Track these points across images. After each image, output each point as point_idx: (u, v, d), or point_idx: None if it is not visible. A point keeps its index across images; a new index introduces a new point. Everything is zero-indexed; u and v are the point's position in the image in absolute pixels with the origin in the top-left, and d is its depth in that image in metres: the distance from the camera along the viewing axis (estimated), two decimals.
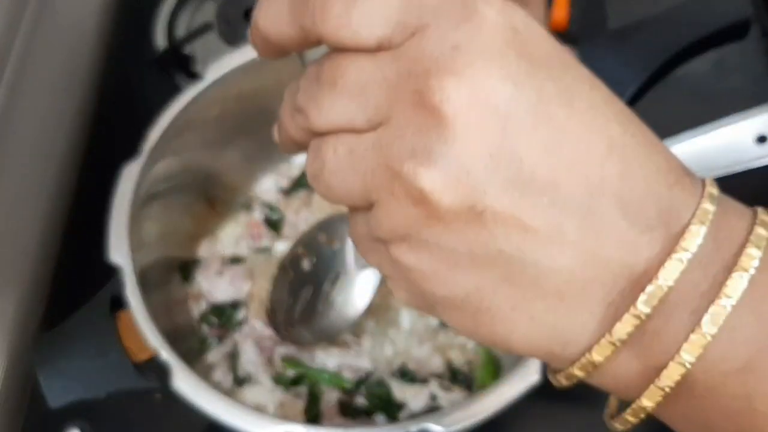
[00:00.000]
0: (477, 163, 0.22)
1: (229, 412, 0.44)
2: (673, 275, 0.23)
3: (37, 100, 0.66)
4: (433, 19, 0.23)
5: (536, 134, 0.22)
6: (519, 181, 0.22)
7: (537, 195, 0.23)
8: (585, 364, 0.25)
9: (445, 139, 0.22)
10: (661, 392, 0.24)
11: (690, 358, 0.23)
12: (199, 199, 0.62)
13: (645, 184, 0.23)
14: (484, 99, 0.22)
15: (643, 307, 0.23)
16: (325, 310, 0.56)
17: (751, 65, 0.69)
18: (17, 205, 0.63)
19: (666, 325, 0.23)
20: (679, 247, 0.23)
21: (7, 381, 0.59)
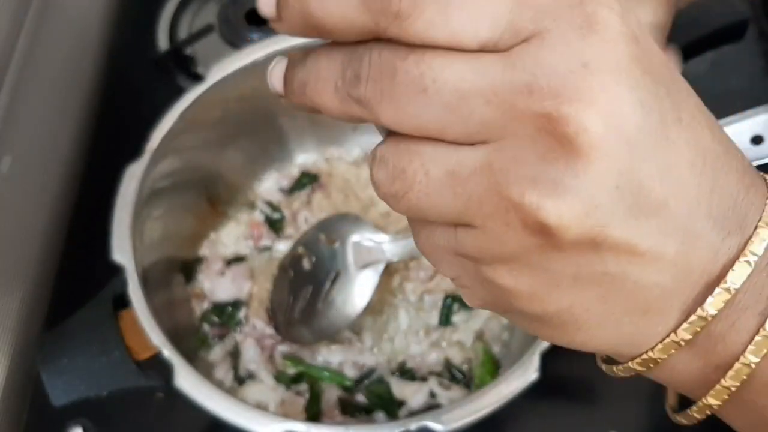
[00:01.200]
0: (605, 196, 0.21)
1: (230, 410, 0.44)
2: (741, 278, 0.23)
3: (41, 101, 0.67)
4: (552, 25, 0.21)
5: (655, 158, 0.22)
6: (637, 208, 0.22)
7: (649, 219, 0.22)
8: (646, 360, 0.25)
9: (575, 170, 0.21)
10: (726, 391, 0.24)
11: (755, 359, 0.23)
12: (201, 199, 0.62)
13: (729, 192, 0.23)
14: (617, 128, 0.21)
15: (711, 309, 0.23)
16: (325, 310, 0.56)
17: (748, 66, 0.69)
18: (21, 205, 0.63)
19: (731, 326, 0.24)
20: (748, 250, 0.23)
21: (10, 379, 0.60)
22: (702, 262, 0.23)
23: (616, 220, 0.22)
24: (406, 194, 0.23)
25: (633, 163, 0.21)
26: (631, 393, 0.57)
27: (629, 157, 0.21)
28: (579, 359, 0.56)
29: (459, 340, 0.58)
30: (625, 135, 0.21)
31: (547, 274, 0.23)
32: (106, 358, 0.47)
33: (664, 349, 0.24)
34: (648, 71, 0.22)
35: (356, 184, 0.65)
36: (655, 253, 0.22)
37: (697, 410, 0.26)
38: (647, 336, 0.25)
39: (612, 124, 0.21)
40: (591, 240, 0.22)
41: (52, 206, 0.68)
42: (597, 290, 0.23)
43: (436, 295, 0.59)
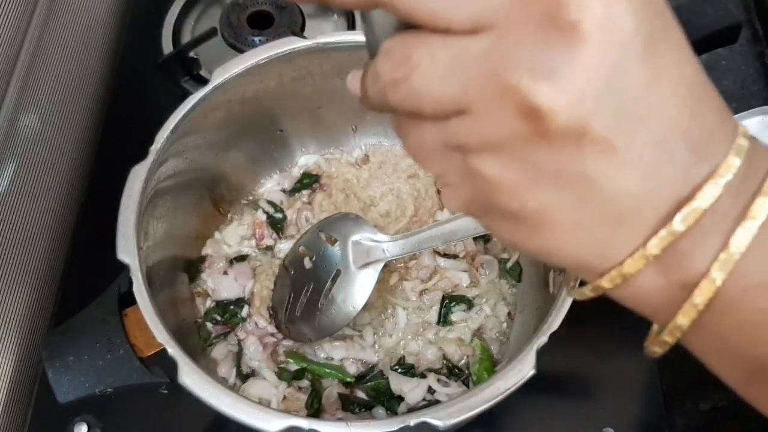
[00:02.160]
0: (594, 88, 0.22)
1: (233, 406, 0.44)
2: (709, 199, 0.24)
3: (46, 103, 0.67)
4: None
5: (643, 67, 0.23)
6: (621, 109, 0.23)
7: (631, 123, 0.23)
8: (614, 276, 0.26)
9: (572, 57, 0.22)
10: (695, 310, 0.25)
11: (721, 275, 0.25)
12: (205, 199, 0.63)
13: (706, 121, 0.25)
14: (614, 25, 0.22)
15: (679, 226, 0.24)
16: (326, 308, 0.56)
17: (741, 69, 0.70)
18: (29, 205, 0.64)
19: (697, 244, 0.25)
20: (717, 174, 0.24)
21: (16, 376, 0.60)
22: (674, 180, 0.25)
23: (601, 116, 0.23)
24: (408, 78, 0.24)
25: (624, 63, 0.22)
26: (626, 389, 0.57)
27: (621, 56, 0.22)
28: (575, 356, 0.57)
29: (457, 337, 0.59)
30: (620, 34, 0.22)
31: (531, 166, 0.24)
32: (111, 355, 0.48)
33: (633, 264, 0.26)
34: None
35: (357, 184, 0.66)
36: (631, 158, 0.24)
37: (668, 333, 0.27)
38: (617, 248, 0.26)
39: (610, 21, 0.22)
40: (575, 130, 0.23)
41: (59, 206, 0.69)
42: (575, 191, 0.24)
43: (434, 293, 0.60)
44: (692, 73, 0.25)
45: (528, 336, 0.47)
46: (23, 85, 0.62)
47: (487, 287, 0.61)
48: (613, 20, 0.22)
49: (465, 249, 0.62)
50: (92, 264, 0.56)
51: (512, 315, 0.60)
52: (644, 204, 0.25)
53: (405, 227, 0.62)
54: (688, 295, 0.25)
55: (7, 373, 0.60)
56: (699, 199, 0.24)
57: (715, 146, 0.25)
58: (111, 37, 0.81)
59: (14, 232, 0.61)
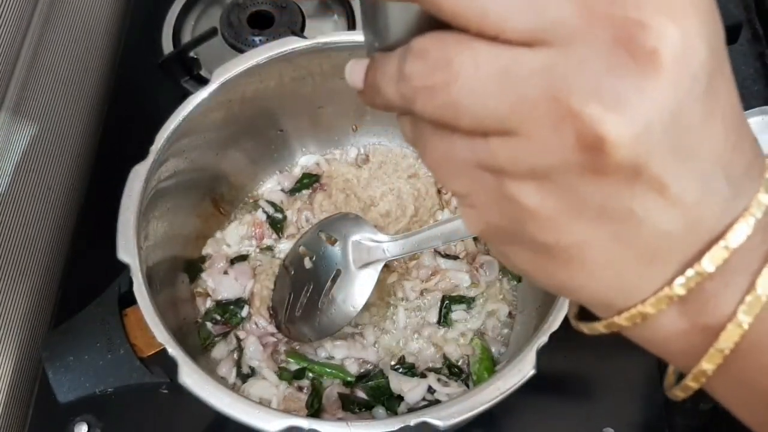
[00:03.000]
0: (661, 121, 0.21)
1: (233, 406, 0.44)
2: (740, 238, 0.23)
3: (47, 103, 0.67)
4: None
5: (704, 101, 0.21)
6: (678, 146, 0.21)
7: (684, 161, 0.22)
8: (634, 315, 0.25)
9: (644, 88, 0.20)
10: (720, 354, 0.24)
11: (748, 318, 0.23)
12: (205, 199, 0.63)
13: (745, 154, 0.24)
14: (689, 56, 0.20)
15: (708, 266, 0.23)
16: (326, 308, 0.56)
17: (741, 68, 0.70)
18: (29, 205, 0.64)
19: (725, 286, 0.24)
20: (748, 212, 0.23)
21: (17, 375, 0.60)
22: (712, 216, 0.23)
23: (660, 152, 0.21)
24: (447, 86, 0.22)
25: (690, 98, 0.21)
26: (626, 389, 0.57)
27: (690, 90, 0.21)
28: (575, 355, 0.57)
29: (457, 337, 0.59)
30: (693, 67, 0.20)
31: (576, 199, 0.22)
32: (111, 355, 0.48)
33: (656, 303, 0.24)
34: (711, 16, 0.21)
35: (357, 184, 0.66)
36: (678, 197, 0.22)
37: (692, 379, 0.25)
38: (643, 286, 0.24)
39: (687, 52, 0.20)
40: (634, 166, 0.21)
41: (59, 206, 0.69)
42: (615, 228, 0.23)
43: (434, 293, 0.60)
44: (737, 104, 0.23)
45: (528, 336, 0.47)
46: (23, 85, 0.62)
47: (488, 287, 0.61)
48: (689, 51, 0.20)
49: (465, 249, 0.62)
50: (92, 264, 0.56)
51: (513, 315, 0.60)
52: (679, 244, 0.23)
53: (405, 227, 0.62)
54: (711, 339, 0.24)
55: (8, 373, 0.60)
56: (730, 239, 0.23)
57: (750, 182, 0.24)
58: (111, 37, 0.81)
59: (14, 231, 0.61)
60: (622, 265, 0.24)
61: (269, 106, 0.62)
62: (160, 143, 0.52)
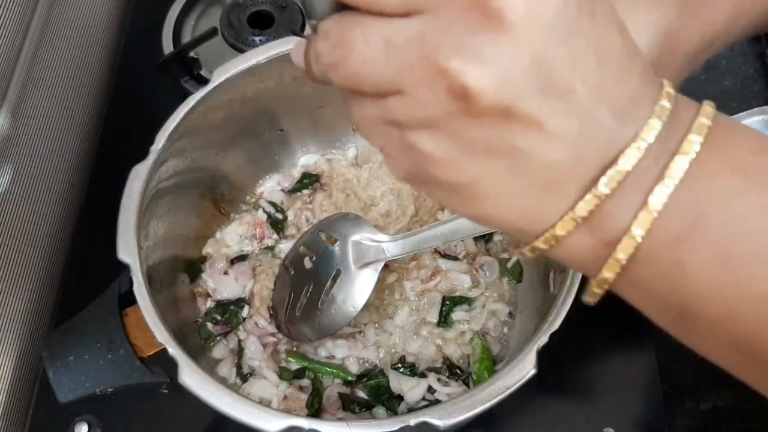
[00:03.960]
0: (520, 69, 0.24)
1: (234, 406, 0.44)
2: (631, 162, 0.26)
3: (47, 103, 0.67)
4: None
5: (568, 45, 0.24)
6: (547, 88, 0.25)
7: (556, 99, 0.25)
8: (548, 238, 0.28)
9: (497, 42, 0.24)
10: (618, 264, 0.27)
11: (640, 232, 0.26)
12: (205, 199, 0.63)
13: (630, 86, 0.26)
14: (538, 10, 0.24)
15: (604, 189, 0.26)
16: (326, 308, 0.56)
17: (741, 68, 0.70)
18: (29, 205, 0.64)
19: (620, 204, 0.27)
20: (639, 137, 0.26)
21: (17, 376, 0.60)
22: (599, 146, 0.26)
23: (527, 95, 0.24)
24: (345, 60, 0.26)
25: (548, 46, 0.24)
26: (626, 389, 0.57)
27: (545, 39, 0.24)
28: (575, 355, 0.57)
29: (457, 336, 0.59)
30: (543, 18, 0.24)
31: (462, 142, 0.26)
32: (111, 355, 0.48)
33: (563, 226, 0.27)
34: None
35: (357, 184, 0.66)
36: (558, 132, 0.25)
37: (596, 285, 0.29)
38: (548, 212, 0.28)
39: (534, 6, 0.24)
40: (503, 109, 0.25)
41: (59, 206, 0.69)
42: (505, 162, 0.26)
43: (434, 294, 0.60)
44: (616, 42, 0.26)
45: (528, 336, 0.47)
46: (24, 85, 0.62)
47: (488, 288, 0.61)
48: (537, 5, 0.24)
49: (465, 249, 0.62)
50: (92, 264, 0.56)
51: (513, 315, 0.60)
52: (571, 171, 0.26)
53: (405, 227, 0.62)
54: (611, 252, 0.27)
55: (8, 372, 0.60)
56: (621, 163, 0.26)
57: (639, 110, 0.26)
58: (111, 36, 0.81)
59: (14, 232, 0.61)
60: (521, 195, 0.27)
61: (269, 106, 0.62)
62: (161, 143, 0.52)
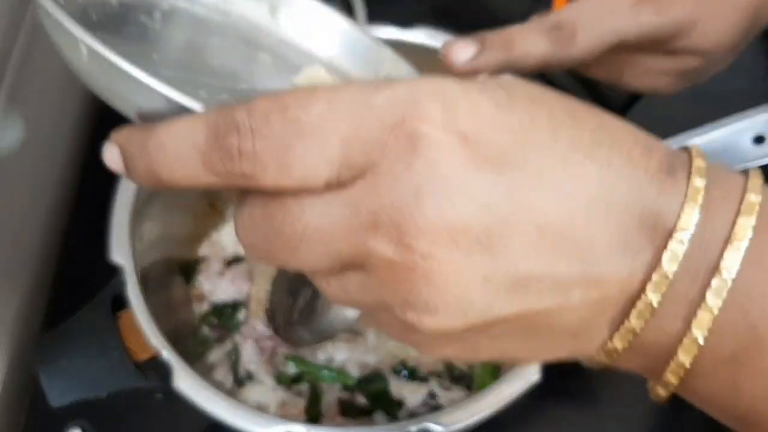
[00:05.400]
0: (474, 295, 0.23)
1: (230, 411, 0.44)
2: (659, 292, 0.24)
3: (38, 101, 0.67)
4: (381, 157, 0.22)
5: (521, 240, 0.23)
6: (518, 287, 0.23)
7: (539, 287, 0.23)
8: (595, 362, 0.27)
9: (436, 288, 0.23)
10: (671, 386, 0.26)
11: (688, 358, 0.25)
12: (200, 199, 0.62)
13: (631, 211, 0.24)
14: (463, 235, 0.22)
15: (636, 323, 0.24)
16: (324, 311, 0.55)
17: (750, 66, 0.70)
18: (20, 205, 0.63)
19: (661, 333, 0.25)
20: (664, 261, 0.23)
21: (8, 380, 0.60)
22: (614, 288, 0.24)
23: (498, 304, 0.23)
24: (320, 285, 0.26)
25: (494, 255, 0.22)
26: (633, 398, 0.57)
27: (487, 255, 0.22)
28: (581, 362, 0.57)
29: None
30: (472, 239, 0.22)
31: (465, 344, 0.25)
32: (105, 359, 0.47)
33: (606, 356, 0.26)
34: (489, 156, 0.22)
35: None
36: (556, 307, 0.24)
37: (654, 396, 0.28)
38: (585, 349, 0.26)
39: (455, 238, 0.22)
40: (482, 324, 0.24)
41: (50, 206, 0.68)
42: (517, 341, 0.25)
43: None
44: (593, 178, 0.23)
45: None
46: (16, 82, 0.61)
47: None
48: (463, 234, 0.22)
49: None
50: (85, 266, 0.56)
51: None
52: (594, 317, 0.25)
53: None
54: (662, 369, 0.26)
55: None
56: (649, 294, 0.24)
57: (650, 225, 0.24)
58: None
59: (4, 232, 0.60)
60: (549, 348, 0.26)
61: None
62: None
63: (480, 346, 0.25)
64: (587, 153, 0.24)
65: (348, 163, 0.22)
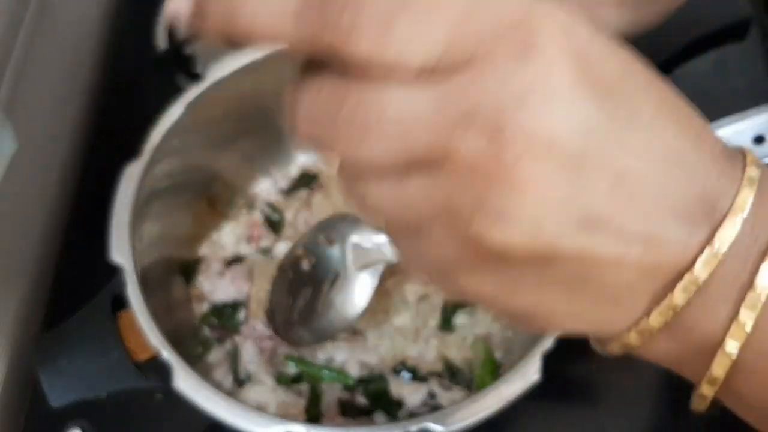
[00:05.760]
0: (549, 216, 0.22)
1: (230, 411, 0.44)
2: (708, 270, 0.23)
3: (38, 101, 0.67)
4: (490, 51, 0.21)
5: (603, 176, 0.22)
6: (588, 224, 0.22)
7: (604, 232, 0.23)
8: (621, 345, 0.26)
9: (516, 197, 0.21)
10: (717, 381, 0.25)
11: (734, 349, 0.24)
12: (200, 199, 0.62)
13: (696, 184, 0.24)
14: (557, 151, 0.21)
15: (679, 300, 0.24)
16: (324, 311, 0.56)
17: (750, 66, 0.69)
18: (20, 205, 0.63)
19: (704, 316, 0.24)
20: (716, 239, 0.23)
21: (8, 380, 0.60)
22: (669, 256, 0.23)
23: (565, 236, 0.22)
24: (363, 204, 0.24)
25: (576, 182, 0.22)
26: (633, 397, 0.57)
27: (571, 178, 0.22)
28: (581, 361, 0.57)
29: (459, 340, 0.58)
30: (564, 157, 0.21)
31: (508, 281, 0.24)
32: (104, 359, 0.47)
33: (638, 336, 0.25)
34: (596, 84, 0.22)
35: None
36: (614, 259, 0.23)
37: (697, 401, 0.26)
38: (619, 323, 0.25)
39: (550, 149, 0.21)
40: (542, 255, 0.23)
41: (50, 206, 0.68)
42: (560, 292, 0.24)
43: (435, 297, 0.59)
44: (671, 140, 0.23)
45: (533, 341, 0.46)
46: (14, 83, 0.61)
47: None
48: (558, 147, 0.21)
49: None
50: (85, 266, 0.56)
51: None
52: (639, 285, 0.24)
53: None
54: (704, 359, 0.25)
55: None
56: (697, 271, 0.23)
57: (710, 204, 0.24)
58: (104, 33, 0.80)
59: (4, 232, 0.61)
60: (586, 313, 0.25)
61: (266, 104, 0.61)
62: (154, 142, 0.52)
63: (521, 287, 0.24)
64: (670, 114, 0.24)
65: (451, 51, 0.21)
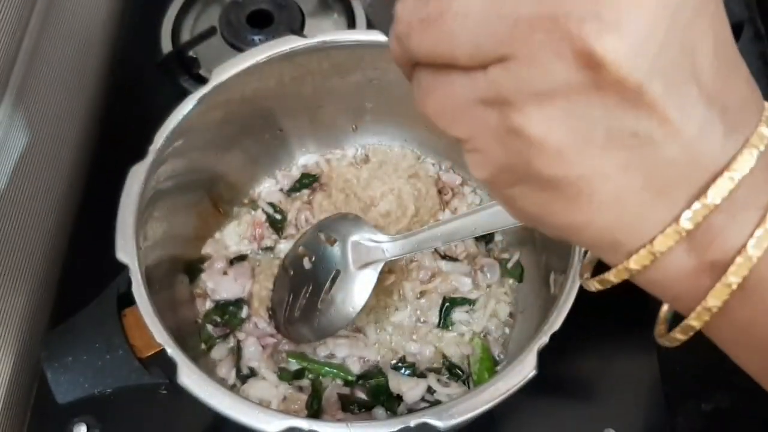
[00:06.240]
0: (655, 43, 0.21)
1: (233, 407, 0.44)
2: (744, 168, 0.23)
3: (45, 103, 0.67)
4: None
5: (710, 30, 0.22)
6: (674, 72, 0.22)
7: (683, 85, 0.22)
8: (643, 256, 0.24)
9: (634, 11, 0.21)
10: (728, 289, 0.24)
11: (757, 252, 0.23)
12: (204, 199, 0.62)
13: (741, 88, 0.24)
14: None
15: (714, 198, 0.23)
16: (325, 308, 0.56)
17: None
18: (27, 205, 0.63)
19: (732, 219, 0.24)
20: (750, 144, 0.23)
21: (15, 376, 0.60)
22: (712, 148, 0.23)
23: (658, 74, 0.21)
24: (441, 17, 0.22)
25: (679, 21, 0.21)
26: (628, 390, 0.57)
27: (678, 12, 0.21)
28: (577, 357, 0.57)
29: (457, 337, 0.59)
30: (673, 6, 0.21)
31: (582, 124, 0.22)
32: (110, 355, 0.47)
33: (664, 241, 0.24)
34: None
35: (356, 184, 0.65)
36: (679, 125, 0.22)
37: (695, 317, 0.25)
38: (651, 222, 0.24)
39: None
40: (632, 86, 0.21)
41: (57, 206, 0.68)
42: (623, 155, 0.23)
43: (434, 295, 0.60)
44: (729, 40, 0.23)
45: (529, 336, 0.47)
46: (22, 85, 0.62)
47: (489, 288, 0.61)
48: None
49: (466, 250, 0.62)
50: (91, 264, 0.56)
51: (513, 315, 0.60)
52: (684, 174, 0.23)
53: (406, 227, 0.62)
54: (718, 275, 0.24)
55: (6, 373, 0.59)
56: (734, 169, 0.23)
57: (746, 116, 0.24)
58: (110, 36, 0.81)
59: (12, 231, 0.61)
60: (629, 198, 0.23)
61: (268, 106, 0.61)
62: (159, 143, 0.52)
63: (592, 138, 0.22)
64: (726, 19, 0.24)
65: None
